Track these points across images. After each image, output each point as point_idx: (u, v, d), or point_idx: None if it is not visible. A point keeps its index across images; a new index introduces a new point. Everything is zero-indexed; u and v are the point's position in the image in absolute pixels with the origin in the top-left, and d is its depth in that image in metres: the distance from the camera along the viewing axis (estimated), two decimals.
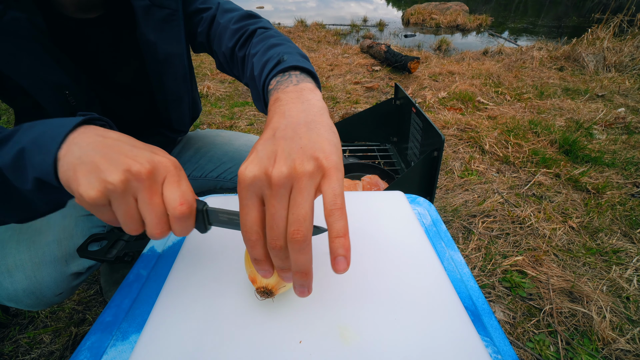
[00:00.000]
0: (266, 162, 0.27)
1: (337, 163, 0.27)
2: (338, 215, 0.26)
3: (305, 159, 0.27)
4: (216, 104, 2.39)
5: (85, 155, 0.29)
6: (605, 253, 1.12)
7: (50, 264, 0.52)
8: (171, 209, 0.30)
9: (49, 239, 0.53)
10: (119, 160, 0.29)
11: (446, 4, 6.69)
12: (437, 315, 0.34)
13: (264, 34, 0.52)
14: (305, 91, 0.35)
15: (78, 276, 0.56)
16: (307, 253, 0.26)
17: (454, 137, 1.89)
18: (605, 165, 1.59)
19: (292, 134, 0.29)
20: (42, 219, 0.53)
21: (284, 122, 0.31)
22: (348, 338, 0.32)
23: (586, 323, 0.89)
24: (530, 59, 3.30)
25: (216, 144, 0.80)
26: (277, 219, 0.26)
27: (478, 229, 1.23)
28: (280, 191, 0.26)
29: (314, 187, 0.26)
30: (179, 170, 0.32)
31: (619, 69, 2.95)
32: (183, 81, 0.62)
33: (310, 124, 0.30)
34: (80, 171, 0.28)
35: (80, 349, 0.35)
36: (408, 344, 0.32)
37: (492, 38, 5.05)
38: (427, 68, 3.16)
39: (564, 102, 2.36)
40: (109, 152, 0.29)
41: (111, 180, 0.28)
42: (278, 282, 0.33)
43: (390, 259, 0.41)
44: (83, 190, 0.28)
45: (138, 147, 0.31)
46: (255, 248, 0.28)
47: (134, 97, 0.62)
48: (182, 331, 0.33)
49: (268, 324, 0.34)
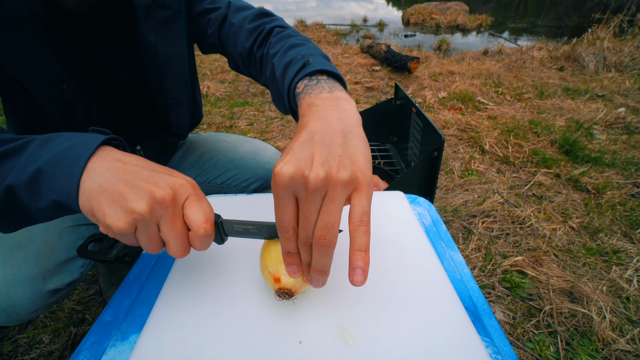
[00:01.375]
0: (303, 164, 0.27)
1: (370, 179, 0.28)
2: (363, 231, 0.27)
3: (342, 167, 0.27)
4: (216, 104, 2.39)
5: (106, 182, 0.29)
6: (605, 253, 1.12)
7: (26, 281, 0.48)
8: (195, 228, 0.31)
9: (27, 254, 0.49)
10: (141, 188, 0.29)
11: (446, 4, 6.68)
12: (437, 315, 0.34)
13: (282, 33, 0.51)
14: (341, 100, 0.35)
15: (56, 292, 0.53)
16: (329, 256, 0.29)
17: (454, 137, 1.89)
18: (605, 165, 1.59)
19: (330, 141, 0.29)
20: (23, 230, 0.50)
21: (322, 127, 0.30)
22: (348, 338, 0.32)
23: (586, 323, 0.89)
24: (530, 59, 3.30)
25: (220, 150, 0.79)
26: (310, 221, 0.28)
27: (478, 229, 1.22)
28: (316, 196, 0.27)
29: (346, 197, 0.28)
30: (197, 189, 0.33)
31: (619, 69, 2.95)
32: (183, 84, 0.61)
33: (348, 134, 0.30)
34: (104, 201, 0.28)
35: (80, 349, 0.35)
36: (408, 345, 0.32)
37: (493, 38, 5.05)
38: (427, 68, 3.16)
39: (564, 102, 2.36)
40: (131, 178, 0.29)
41: (138, 210, 0.28)
42: (300, 284, 0.33)
43: (391, 259, 0.41)
44: (110, 221, 0.28)
45: (157, 170, 0.32)
46: (290, 242, 0.30)
47: (133, 98, 0.61)
48: (182, 331, 0.33)
49: (268, 323, 0.34)
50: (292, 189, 0.28)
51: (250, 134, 1.95)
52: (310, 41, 0.50)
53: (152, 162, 0.33)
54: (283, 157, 0.29)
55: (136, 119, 0.65)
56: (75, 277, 0.55)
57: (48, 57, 0.46)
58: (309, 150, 0.28)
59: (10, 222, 0.34)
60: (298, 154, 0.28)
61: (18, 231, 0.48)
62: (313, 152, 0.28)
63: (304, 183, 0.27)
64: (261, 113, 2.28)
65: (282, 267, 0.33)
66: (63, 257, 0.53)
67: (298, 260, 0.31)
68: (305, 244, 0.29)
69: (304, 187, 0.27)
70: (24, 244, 0.50)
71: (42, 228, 0.52)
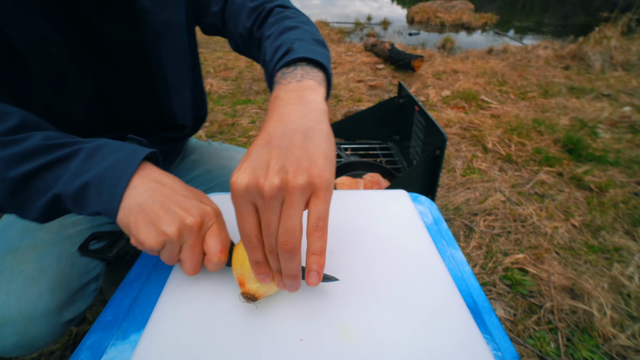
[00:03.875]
0: (259, 171, 0.27)
1: (328, 182, 0.28)
2: (318, 236, 0.28)
3: (299, 172, 0.27)
4: (219, 102, 2.41)
5: (145, 203, 0.32)
6: (607, 251, 1.12)
7: (43, 317, 0.46)
8: (211, 256, 0.34)
9: (42, 289, 0.47)
10: (175, 212, 0.32)
11: (451, 2, 6.64)
12: (440, 313, 0.34)
13: (281, 14, 0.49)
14: (307, 91, 0.34)
15: (72, 321, 0.51)
16: (295, 260, 0.29)
17: (457, 135, 1.89)
18: (609, 164, 1.59)
19: (288, 143, 0.29)
20: (34, 261, 0.48)
21: (281, 128, 0.30)
22: (350, 336, 0.32)
23: (587, 320, 0.89)
24: (535, 58, 3.27)
25: (230, 170, 0.76)
26: (272, 229, 0.28)
27: (479, 227, 1.23)
28: (272, 203, 0.27)
29: (304, 201, 0.28)
30: (220, 217, 0.36)
31: (626, 68, 2.92)
32: (183, 59, 0.56)
33: (308, 132, 0.30)
34: (141, 219, 0.32)
35: (81, 349, 0.35)
36: (410, 341, 0.31)
37: (498, 37, 5.01)
38: (431, 66, 3.15)
39: (569, 100, 2.34)
40: (166, 202, 0.33)
41: (169, 233, 0.32)
42: (265, 289, 0.34)
43: (393, 256, 0.41)
44: (143, 239, 0.32)
45: (189, 197, 0.35)
46: (256, 251, 0.30)
47: (132, 78, 0.56)
48: (184, 329, 0.33)
49: (269, 321, 0.33)
50: (250, 198, 0.28)
51: (253, 132, 1.97)
52: (309, 22, 0.48)
53: (184, 184, 0.36)
54: (241, 164, 0.29)
55: (137, 115, 0.60)
56: (89, 302, 0.54)
57: (34, 13, 0.42)
58: (266, 156, 0.28)
59: (47, 219, 0.36)
60: (254, 160, 0.28)
61: (30, 263, 0.47)
62: (270, 157, 0.28)
63: (259, 192, 0.27)
64: (263, 111, 2.29)
65: (247, 272, 0.33)
66: (77, 285, 0.51)
67: (267, 269, 0.31)
68: (271, 251, 0.29)
69: (260, 195, 0.27)
70: (38, 278, 0.47)
71: (53, 257, 0.50)
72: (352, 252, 0.42)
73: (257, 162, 0.28)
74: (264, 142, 0.29)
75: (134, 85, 0.57)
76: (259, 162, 0.28)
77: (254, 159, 0.28)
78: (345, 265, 0.40)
